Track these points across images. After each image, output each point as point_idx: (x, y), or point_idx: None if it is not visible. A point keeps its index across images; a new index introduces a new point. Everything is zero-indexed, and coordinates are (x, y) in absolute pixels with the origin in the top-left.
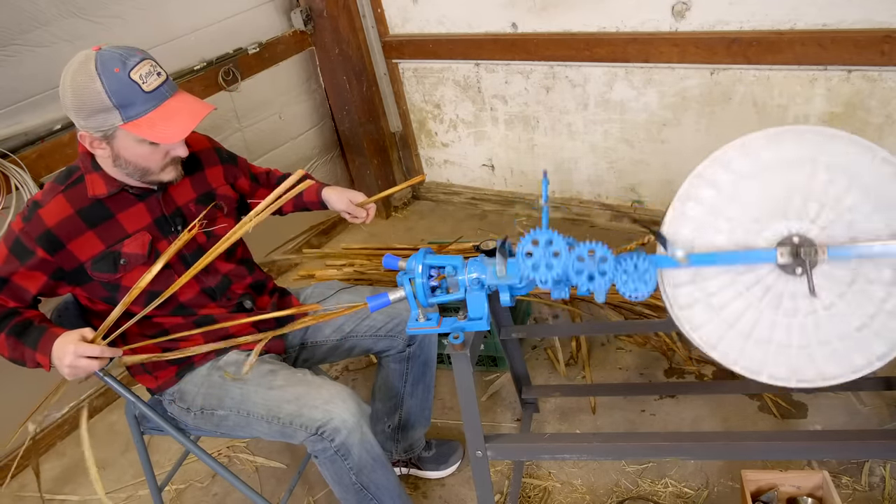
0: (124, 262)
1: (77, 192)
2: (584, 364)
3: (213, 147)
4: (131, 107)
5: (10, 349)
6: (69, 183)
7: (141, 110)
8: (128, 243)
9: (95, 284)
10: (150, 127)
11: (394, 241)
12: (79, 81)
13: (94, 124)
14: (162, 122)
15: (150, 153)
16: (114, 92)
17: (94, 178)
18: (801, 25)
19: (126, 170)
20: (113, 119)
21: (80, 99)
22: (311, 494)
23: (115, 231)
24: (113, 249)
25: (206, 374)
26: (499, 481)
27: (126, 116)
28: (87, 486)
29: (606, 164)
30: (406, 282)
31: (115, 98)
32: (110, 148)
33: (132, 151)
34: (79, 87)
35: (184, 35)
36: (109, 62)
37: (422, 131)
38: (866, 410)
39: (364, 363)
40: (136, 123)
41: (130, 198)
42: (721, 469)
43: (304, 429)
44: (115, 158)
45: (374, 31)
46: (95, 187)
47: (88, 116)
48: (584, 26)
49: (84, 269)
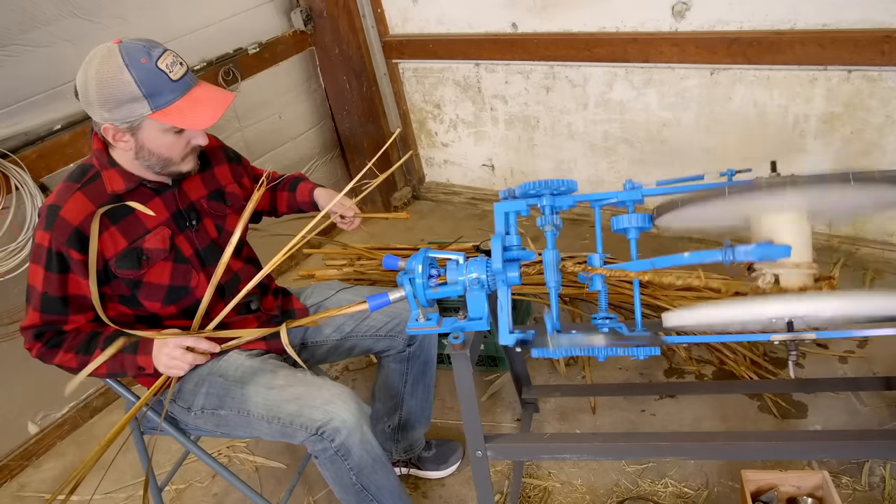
0: (147, 257)
1: (95, 188)
2: (584, 364)
3: (220, 146)
4: (160, 96)
5: (109, 364)
6: (85, 181)
7: (169, 98)
8: (149, 239)
9: (118, 282)
10: (179, 114)
11: (394, 241)
12: (105, 73)
13: (120, 116)
14: (190, 110)
15: (174, 143)
16: (142, 81)
17: (111, 175)
18: (801, 25)
19: (148, 161)
20: (141, 109)
21: (108, 90)
22: (311, 494)
23: (136, 227)
24: (135, 246)
25: (206, 373)
26: (499, 481)
27: (155, 105)
28: (88, 485)
29: (606, 164)
30: (406, 282)
31: (144, 87)
32: (134, 140)
33: (157, 142)
34: (105, 78)
35: (184, 35)
36: (135, 53)
37: (422, 131)
38: (866, 410)
39: (364, 363)
40: (165, 112)
41: (148, 192)
42: (721, 469)
43: (304, 429)
44: (138, 150)
45: (374, 31)
46: (113, 183)
47: (115, 108)
48: (584, 26)
49: (108, 267)
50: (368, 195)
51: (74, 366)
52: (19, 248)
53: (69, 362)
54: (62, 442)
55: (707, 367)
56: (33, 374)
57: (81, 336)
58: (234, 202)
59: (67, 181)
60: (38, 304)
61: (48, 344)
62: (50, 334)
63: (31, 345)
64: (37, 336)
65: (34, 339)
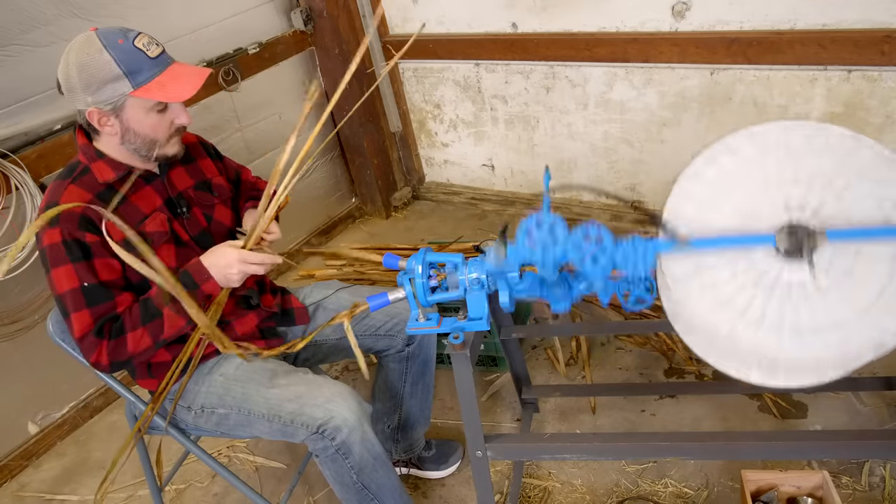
0: (150, 241)
1: (87, 180)
2: (584, 364)
3: (200, 142)
4: (139, 73)
5: (169, 323)
6: (75, 175)
7: (148, 75)
8: (148, 223)
9: (129, 269)
10: (160, 89)
11: (394, 241)
12: (85, 57)
13: (103, 97)
14: (171, 83)
15: (158, 122)
16: (122, 60)
17: (100, 166)
18: (801, 25)
19: (134, 145)
20: (122, 87)
21: (88, 73)
22: (311, 494)
23: (133, 213)
24: (138, 230)
25: (206, 372)
26: (499, 481)
27: (136, 83)
28: (88, 485)
29: (606, 164)
30: (406, 282)
31: (123, 66)
32: (119, 122)
33: (142, 122)
34: (85, 61)
35: (184, 35)
36: (112, 36)
37: (422, 131)
38: (866, 410)
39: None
40: (146, 88)
41: (139, 181)
42: (721, 469)
43: (304, 427)
44: (123, 133)
45: (374, 31)
46: (103, 173)
47: (97, 90)
48: (584, 26)
49: (116, 255)
50: (368, 195)
51: (150, 342)
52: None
53: (143, 340)
54: (62, 442)
55: (707, 367)
56: (33, 374)
57: (136, 309)
58: (221, 193)
59: (57, 180)
60: (81, 301)
61: (112, 335)
62: (108, 326)
63: (98, 349)
64: (98, 333)
65: (97, 339)
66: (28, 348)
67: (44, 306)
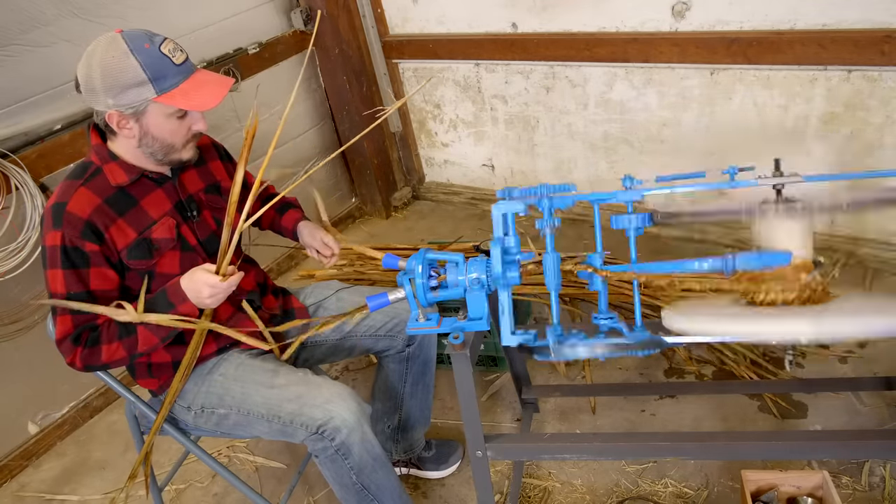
0: (157, 247)
1: (98, 182)
2: (583, 364)
3: (212, 143)
4: (164, 79)
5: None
6: (87, 176)
7: (173, 82)
8: (156, 229)
9: (132, 274)
10: (183, 97)
11: (394, 241)
12: (110, 59)
13: (126, 101)
14: (194, 92)
15: (177, 128)
16: (148, 65)
17: (112, 168)
18: (801, 25)
19: (151, 148)
20: (146, 93)
21: (113, 76)
22: (311, 494)
23: (142, 218)
24: (144, 236)
25: (206, 373)
26: (499, 481)
27: (160, 89)
28: (88, 485)
29: (606, 164)
30: (406, 282)
31: (149, 71)
32: (138, 126)
33: (161, 127)
34: (111, 64)
35: (184, 35)
36: (138, 39)
37: (422, 131)
38: (866, 410)
39: (364, 363)
40: (170, 95)
41: (150, 184)
42: (721, 469)
43: (304, 428)
44: (141, 136)
45: (374, 31)
46: (116, 176)
47: (120, 93)
48: (584, 26)
49: (121, 260)
50: (368, 195)
51: (124, 354)
52: (19, 248)
53: (117, 352)
54: (62, 442)
55: (707, 367)
56: (33, 374)
57: (114, 324)
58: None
59: (68, 179)
60: (65, 307)
61: (88, 343)
62: (86, 334)
63: (73, 354)
64: (75, 340)
65: (73, 345)
66: (28, 348)
67: (44, 306)
